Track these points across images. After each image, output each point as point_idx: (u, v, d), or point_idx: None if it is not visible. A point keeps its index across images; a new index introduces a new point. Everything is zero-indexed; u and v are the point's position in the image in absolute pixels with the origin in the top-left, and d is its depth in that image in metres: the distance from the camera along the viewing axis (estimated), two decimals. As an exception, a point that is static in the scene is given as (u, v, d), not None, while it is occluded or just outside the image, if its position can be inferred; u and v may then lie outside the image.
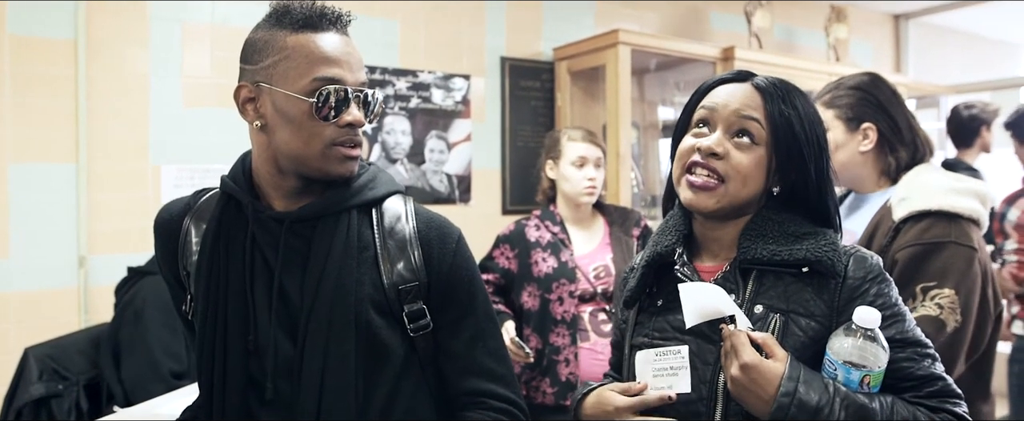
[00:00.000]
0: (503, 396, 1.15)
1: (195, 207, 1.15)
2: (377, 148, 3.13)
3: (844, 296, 1.01)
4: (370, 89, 1.07)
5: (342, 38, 1.07)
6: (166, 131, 2.67)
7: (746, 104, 1.06)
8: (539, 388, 2.18)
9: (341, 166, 1.07)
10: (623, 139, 3.23)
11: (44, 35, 2.50)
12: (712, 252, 1.12)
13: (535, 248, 2.23)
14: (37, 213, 2.49)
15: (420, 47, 3.24)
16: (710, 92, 1.10)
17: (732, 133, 1.06)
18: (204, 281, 1.08)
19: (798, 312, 1.01)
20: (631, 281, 1.18)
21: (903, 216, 1.48)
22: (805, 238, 1.04)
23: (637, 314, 1.16)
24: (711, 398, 1.03)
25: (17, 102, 2.46)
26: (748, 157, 1.04)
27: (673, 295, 1.08)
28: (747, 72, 1.11)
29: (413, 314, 1.10)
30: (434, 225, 1.14)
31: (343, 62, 1.05)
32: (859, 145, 1.62)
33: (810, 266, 1.02)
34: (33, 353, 2.05)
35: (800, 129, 1.05)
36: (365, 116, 1.07)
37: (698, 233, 1.14)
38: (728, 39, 4.10)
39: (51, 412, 1.94)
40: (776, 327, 1.00)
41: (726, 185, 1.04)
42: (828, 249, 1.02)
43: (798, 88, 1.10)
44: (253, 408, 1.06)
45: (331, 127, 1.04)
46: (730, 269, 1.07)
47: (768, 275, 1.04)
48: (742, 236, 1.06)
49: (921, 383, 0.99)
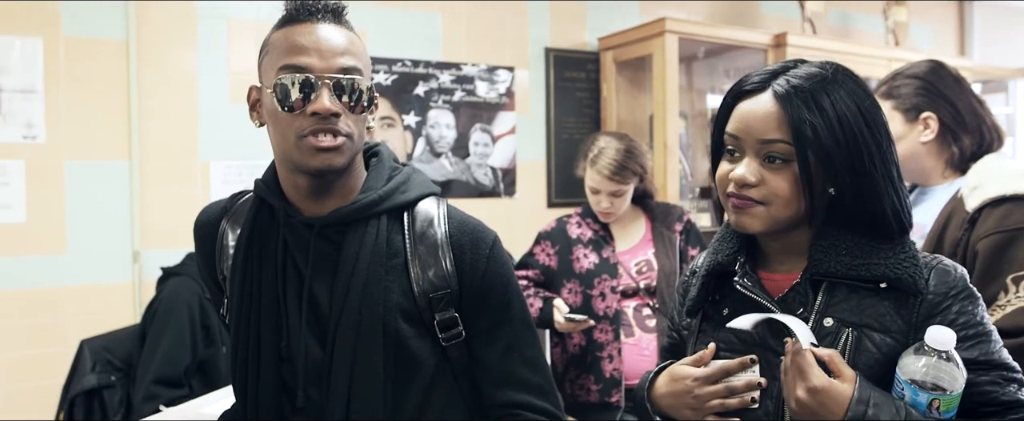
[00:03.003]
0: (539, 408, 1.11)
1: (232, 210, 1.14)
2: (421, 142, 3.13)
3: (923, 312, 0.94)
4: (350, 76, 1.00)
5: (320, 27, 1.01)
6: (214, 128, 2.72)
7: (767, 126, 0.97)
8: (583, 386, 2.16)
9: (314, 159, 0.99)
10: (670, 130, 3.16)
11: (97, 36, 2.56)
12: (778, 261, 1.06)
13: (576, 244, 2.20)
14: (92, 209, 2.56)
15: (463, 39, 3.22)
16: (734, 108, 1.03)
17: (762, 157, 0.99)
18: (238, 286, 1.07)
19: (872, 327, 0.94)
20: (693, 290, 1.12)
21: (978, 205, 1.40)
22: (882, 250, 0.97)
23: (701, 321, 1.11)
24: (778, 413, 0.97)
25: (72, 101, 2.53)
26: (784, 179, 0.97)
27: (738, 304, 1.03)
28: (771, 73, 1.01)
29: (445, 323, 1.07)
30: (467, 229, 1.10)
31: (311, 50, 1.00)
32: (920, 136, 1.56)
33: (889, 282, 0.95)
34: (88, 345, 2.11)
35: (827, 132, 0.95)
36: (351, 106, 1.01)
37: (761, 241, 1.07)
38: (780, 25, 3.97)
39: (103, 403, 2.00)
40: (848, 343, 0.94)
41: (768, 208, 0.99)
42: (908, 264, 0.95)
43: (836, 77, 0.99)
44: (286, 414, 1.05)
45: (300, 118, 0.99)
46: (801, 282, 1.01)
47: (841, 287, 0.98)
48: (813, 247, 0.99)
49: (1005, 409, 0.91)
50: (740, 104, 1.02)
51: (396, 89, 3.06)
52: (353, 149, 1.03)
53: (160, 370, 1.93)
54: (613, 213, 2.18)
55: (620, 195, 2.15)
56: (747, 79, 1.03)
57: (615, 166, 2.11)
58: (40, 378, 2.46)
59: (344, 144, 1.01)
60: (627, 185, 2.15)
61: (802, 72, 1.00)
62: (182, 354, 1.96)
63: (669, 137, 3.16)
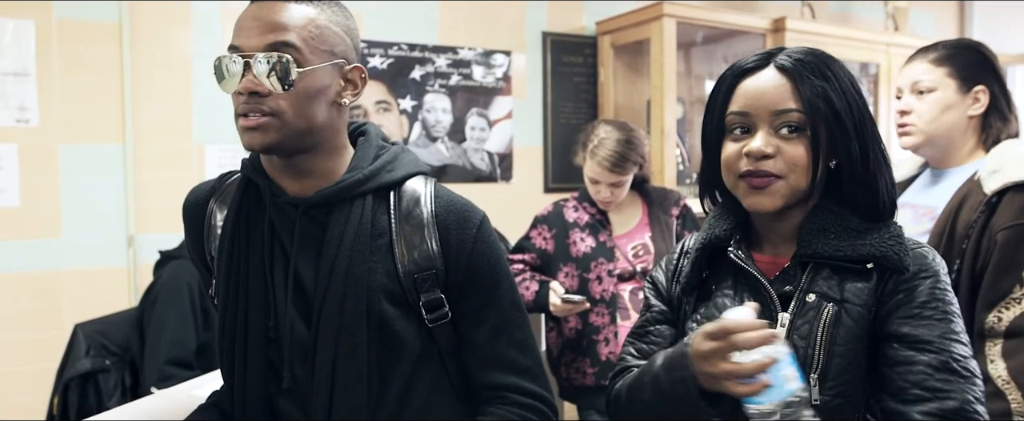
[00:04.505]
0: (528, 390, 1.10)
1: (220, 190, 1.13)
2: (418, 126, 3.12)
3: (891, 284, 0.96)
4: (275, 53, 0.96)
5: (261, 4, 0.99)
6: (209, 111, 2.70)
7: (780, 96, 0.98)
8: (579, 369, 2.15)
9: (242, 137, 0.99)
10: (668, 115, 3.15)
11: (89, 18, 2.53)
12: (772, 243, 1.07)
13: (573, 228, 2.19)
14: (87, 193, 2.55)
15: (460, 23, 3.19)
16: (735, 89, 1.03)
17: (776, 129, 0.99)
18: (225, 266, 1.06)
19: (851, 302, 0.96)
20: (685, 267, 1.12)
21: (997, 188, 1.38)
22: (869, 232, 0.99)
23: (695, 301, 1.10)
24: None
25: (65, 84, 2.51)
26: (801, 147, 0.98)
27: (725, 280, 1.05)
28: (767, 54, 1.03)
29: (430, 303, 1.05)
30: (454, 209, 1.08)
31: (244, 29, 0.98)
32: (969, 108, 1.53)
33: (875, 262, 0.97)
34: (82, 329, 2.10)
35: (839, 100, 0.98)
36: (279, 82, 0.97)
37: (757, 223, 1.08)
38: (779, 9, 3.94)
39: (98, 386, 2.00)
40: (828, 316, 0.96)
41: (786, 180, 0.99)
42: (893, 242, 0.97)
43: (828, 56, 1.02)
44: (272, 395, 1.05)
45: (235, 98, 0.99)
46: (791, 265, 1.02)
47: (825, 266, 0.99)
48: (802, 230, 1.01)
49: (933, 395, 0.90)
50: (743, 82, 1.02)
51: (392, 73, 3.04)
52: (285, 127, 0.99)
53: (171, 351, 1.93)
54: (613, 202, 2.17)
55: (620, 185, 2.14)
56: (745, 60, 1.04)
57: (616, 157, 2.09)
58: (35, 362, 2.45)
59: (268, 122, 0.98)
60: (627, 176, 2.13)
61: (798, 49, 1.03)
62: (189, 335, 1.96)
63: (667, 122, 3.14)
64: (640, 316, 1.20)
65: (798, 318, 0.98)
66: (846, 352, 0.94)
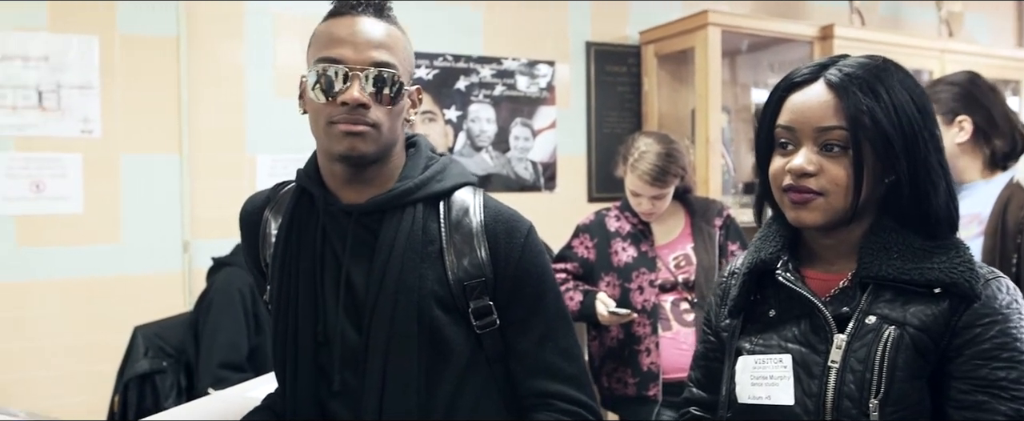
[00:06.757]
0: (572, 397, 1.12)
1: (275, 200, 1.18)
2: (462, 136, 3.16)
3: (965, 320, 0.92)
4: (380, 69, 1.03)
5: (359, 20, 1.05)
6: (261, 121, 2.79)
7: (824, 113, 0.96)
8: (621, 379, 2.16)
9: (340, 144, 1.03)
10: (713, 124, 3.13)
11: (149, 33, 2.64)
12: (826, 260, 1.04)
13: (615, 238, 2.20)
14: (145, 201, 2.65)
15: (504, 34, 3.23)
16: (784, 102, 1.01)
17: (819, 146, 0.97)
18: (278, 272, 1.10)
19: (913, 325, 0.93)
20: (733, 290, 1.10)
21: None
22: (935, 254, 0.95)
23: (744, 321, 1.09)
24: (818, 412, 0.95)
25: (127, 97, 2.62)
26: (842, 167, 0.96)
27: (785, 305, 1.03)
28: (820, 65, 1.01)
29: (479, 311, 1.08)
30: (502, 218, 1.11)
31: (347, 42, 1.03)
32: (954, 137, 1.73)
33: (944, 287, 0.92)
34: (141, 331, 2.19)
35: (887, 118, 0.95)
36: (378, 97, 1.03)
37: (809, 239, 1.06)
38: (827, 15, 3.88)
39: (155, 387, 2.08)
40: (889, 339, 0.92)
41: (827, 198, 0.97)
42: (964, 268, 0.93)
43: (887, 66, 0.99)
44: (323, 399, 1.08)
45: (329, 106, 1.03)
46: (850, 285, 1.00)
47: (888, 287, 0.96)
48: (863, 249, 0.98)
49: None
50: (791, 96, 1.01)
51: (437, 84, 3.09)
52: (380, 139, 1.05)
53: (224, 355, 2.00)
54: (654, 214, 2.17)
55: (661, 198, 2.14)
56: (796, 72, 1.03)
57: (656, 171, 2.08)
58: (96, 363, 2.55)
59: (369, 133, 1.03)
60: (668, 188, 2.13)
61: (853, 62, 1.00)
62: (241, 339, 2.03)
63: (711, 132, 3.12)
64: (699, 341, 1.20)
65: (855, 340, 0.94)
66: (908, 377, 0.91)
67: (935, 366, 0.93)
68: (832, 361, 0.95)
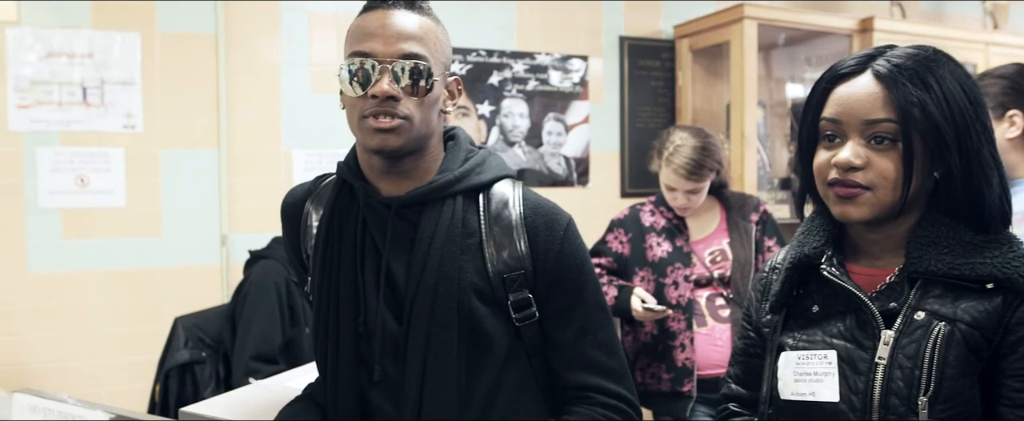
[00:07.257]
0: (612, 391, 1.11)
1: (316, 192, 1.19)
2: (495, 131, 3.16)
3: (1020, 315, 0.90)
4: (411, 61, 1.02)
5: (390, 13, 1.04)
6: (296, 117, 2.82)
7: (872, 105, 0.94)
8: (655, 375, 2.15)
9: (372, 139, 1.03)
10: (748, 119, 3.09)
11: (189, 30, 2.69)
12: (872, 255, 1.02)
13: (649, 233, 2.19)
14: (185, 195, 2.71)
15: (537, 29, 3.23)
16: (829, 93, 0.99)
17: (867, 138, 0.95)
18: (319, 264, 1.12)
19: (964, 321, 0.91)
20: (775, 285, 1.09)
21: None
22: (986, 248, 0.93)
23: (786, 317, 1.07)
24: (864, 410, 0.93)
25: (167, 93, 2.67)
26: (891, 160, 0.94)
27: (829, 301, 1.01)
28: (867, 56, 0.98)
29: (518, 303, 1.08)
30: (542, 211, 1.11)
31: (377, 36, 1.03)
32: (1005, 132, 1.67)
33: (997, 283, 0.91)
34: (182, 322, 2.23)
35: (938, 110, 0.92)
36: (413, 89, 1.03)
37: (854, 234, 1.04)
38: (866, 8, 3.80)
39: (195, 376, 2.11)
40: (940, 336, 0.90)
41: (874, 192, 0.95)
42: (1019, 263, 0.91)
43: (937, 57, 0.97)
44: (363, 388, 1.09)
45: (363, 100, 1.03)
46: (897, 280, 0.98)
47: (937, 282, 0.94)
48: (911, 243, 0.96)
49: None
50: (837, 88, 0.99)
51: (471, 79, 3.10)
52: (413, 131, 1.05)
53: (257, 347, 2.03)
54: (690, 208, 2.16)
55: (697, 192, 2.12)
56: (842, 63, 1.00)
57: (692, 165, 2.07)
58: (137, 353, 2.62)
59: (401, 126, 1.03)
60: (704, 183, 2.11)
61: (901, 52, 0.98)
62: (275, 332, 2.06)
63: (747, 127, 3.09)
64: (738, 337, 1.19)
65: (904, 336, 0.93)
66: (959, 374, 0.89)
67: (987, 363, 0.91)
68: (879, 358, 0.94)
